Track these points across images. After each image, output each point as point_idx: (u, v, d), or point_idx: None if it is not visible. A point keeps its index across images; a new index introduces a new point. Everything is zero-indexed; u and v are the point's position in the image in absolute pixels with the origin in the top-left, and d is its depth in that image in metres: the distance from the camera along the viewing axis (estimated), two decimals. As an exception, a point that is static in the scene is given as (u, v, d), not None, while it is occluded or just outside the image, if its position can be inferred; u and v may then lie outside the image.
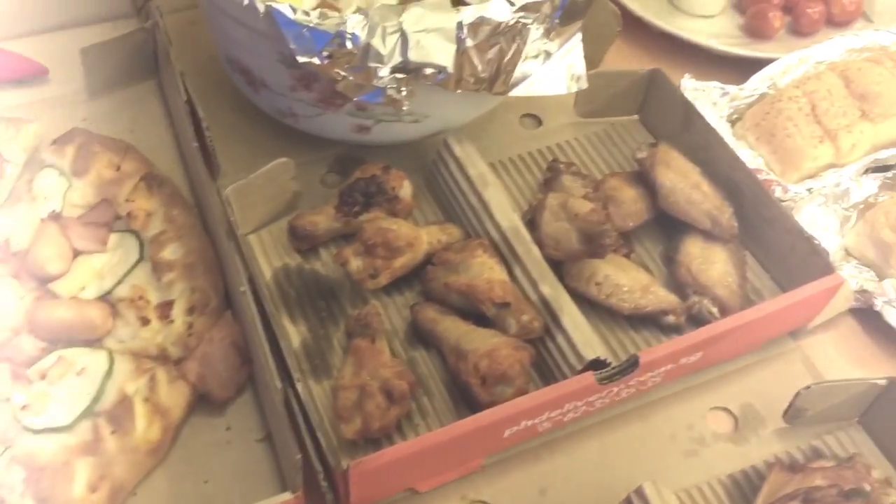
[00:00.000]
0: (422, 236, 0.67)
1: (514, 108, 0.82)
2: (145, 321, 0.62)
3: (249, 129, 0.79)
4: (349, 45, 0.62)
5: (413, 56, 0.63)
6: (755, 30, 0.88)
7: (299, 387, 0.57)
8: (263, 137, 0.78)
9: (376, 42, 0.62)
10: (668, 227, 0.72)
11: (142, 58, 0.81)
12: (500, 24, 0.64)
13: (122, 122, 0.79)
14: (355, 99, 0.65)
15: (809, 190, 0.72)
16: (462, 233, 0.70)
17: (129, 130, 0.78)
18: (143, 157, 0.73)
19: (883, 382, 0.59)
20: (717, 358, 0.64)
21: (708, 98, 0.78)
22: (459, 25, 0.63)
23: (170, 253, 0.65)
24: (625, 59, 0.88)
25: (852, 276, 0.69)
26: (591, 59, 0.85)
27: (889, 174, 0.74)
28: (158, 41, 0.78)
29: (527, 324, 0.62)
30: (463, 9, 0.64)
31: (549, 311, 0.63)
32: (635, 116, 0.82)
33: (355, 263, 0.65)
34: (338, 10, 0.75)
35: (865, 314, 0.68)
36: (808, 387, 0.59)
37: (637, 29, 0.89)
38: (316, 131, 0.74)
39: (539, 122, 0.82)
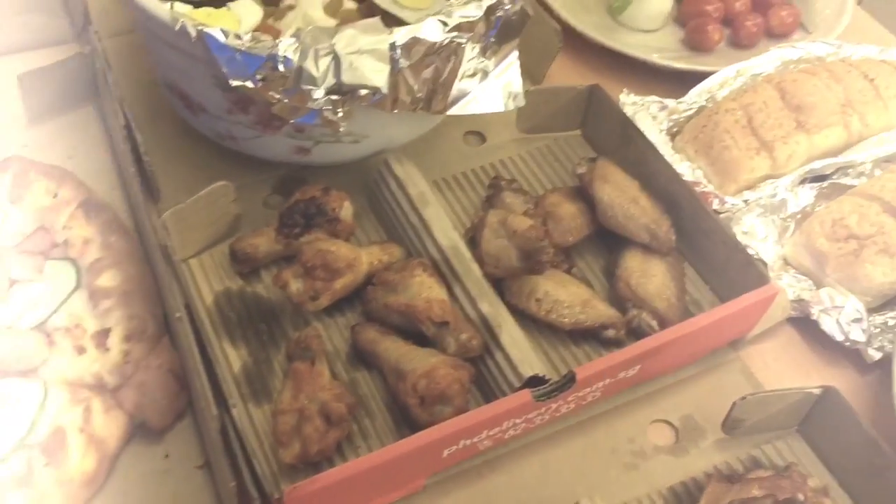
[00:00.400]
0: (362, 257, 0.67)
1: (458, 125, 0.82)
2: (81, 350, 0.62)
3: (191, 152, 0.78)
4: (281, 68, 0.62)
5: (346, 78, 0.63)
6: (695, 43, 0.90)
7: (235, 412, 0.56)
8: (205, 160, 0.77)
9: (309, 65, 0.62)
10: (609, 240, 0.72)
11: (81, 83, 0.80)
12: (434, 44, 0.65)
13: (62, 148, 0.78)
14: (292, 121, 0.65)
15: (746, 202, 0.73)
16: (403, 252, 0.70)
17: (68, 156, 0.77)
18: (80, 184, 0.72)
19: (817, 391, 0.60)
20: (657, 371, 0.65)
21: (647, 112, 0.79)
22: (392, 46, 0.63)
23: (107, 280, 0.65)
24: (568, 75, 0.89)
25: (790, 286, 0.70)
26: (534, 76, 0.87)
27: (825, 184, 0.75)
28: (97, 66, 0.78)
29: (465, 342, 0.62)
30: (396, 30, 0.64)
31: (488, 329, 0.63)
32: (578, 131, 0.82)
33: (295, 286, 0.65)
34: (278, 30, 0.76)
35: (804, 323, 0.69)
36: (744, 397, 0.59)
37: (580, 44, 0.90)
38: (256, 153, 0.74)
39: (483, 138, 0.83)
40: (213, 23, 0.73)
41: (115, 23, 0.88)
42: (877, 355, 0.66)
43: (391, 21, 0.75)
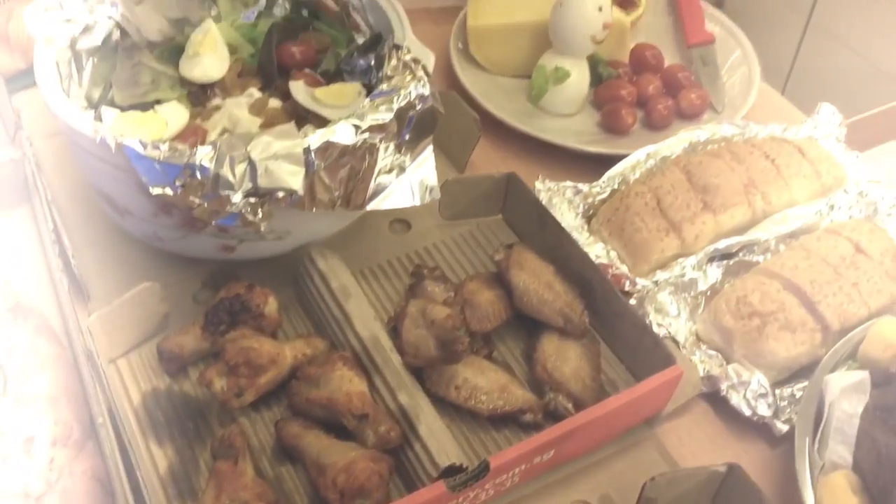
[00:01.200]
0: (285, 351, 0.69)
1: (384, 213, 0.84)
2: (5, 457, 0.62)
3: (121, 251, 0.80)
4: (199, 175, 0.65)
5: (262, 182, 0.66)
6: (611, 126, 0.94)
7: (155, 517, 0.57)
8: (136, 259, 0.79)
9: (225, 171, 0.65)
10: (528, 324, 0.75)
11: (13, 186, 0.82)
12: (348, 146, 0.68)
13: (-6, 250, 0.80)
14: (213, 223, 0.68)
15: (656, 282, 0.76)
16: (327, 344, 0.72)
17: (0, 260, 0.79)
18: (9, 288, 0.73)
19: (723, 469, 0.62)
20: (573, 453, 0.67)
21: (563, 196, 0.83)
22: (307, 150, 0.66)
23: (33, 386, 0.66)
24: (491, 159, 0.93)
25: (702, 362, 0.73)
26: (458, 162, 0.90)
27: (731, 261, 0.79)
28: (28, 171, 0.80)
29: (384, 434, 0.63)
30: (309, 134, 0.67)
31: (407, 420, 0.65)
32: (499, 216, 0.85)
33: (219, 384, 0.67)
34: (205, 130, 0.79)
35: (716, 398, 0.72)
36: (654, 478, 0.61)
37: (502, 130, 0.94)
38: (183, 252, 0.76)
39: (408, 225, 0.85)
40: (141, 126, 0.76)
41: (52, 122, 0.90)
42: (784, 428, 0.69)
43: (313, 118, 0.79)
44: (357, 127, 0.68)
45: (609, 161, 0.88)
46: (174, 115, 0.79)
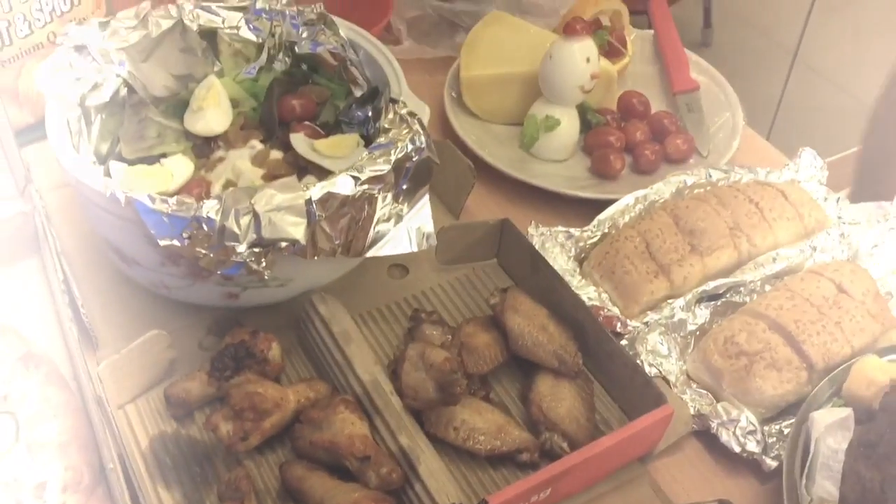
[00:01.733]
0: (289, 395, 0.72)
1: (382, 259, 0.87)
2: (18, 503, 0.64)
3: (129, 299, 0.82)
4: (205, 227, 0.67)
5: (266, 233, 0.68)
6: (601, 171, 0.97)
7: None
8: (142, 306, 0.82)
9: (230, 224, 0.68)
10: (524, 365, 0.77)
11: (23, 238, 0.85)
12: (347, 196, 0.71)
13: (5, 301, 0.82)
14: (219, 272, 0.70)
15: (646, 323, 0.79)
16: (329, 388, 0.74)
17: (12, 309, 0.81)
18: (20, 337, 0.76)
19: (713, 504, 0.65)
20: (569, 490, 0.69)
21: (556, 241, 0.86)
22: (309, 202, 0.69)
23: (44, 432, 0.68)
24: (486, 205, 0.96)
25: (693, 400, 0.75)
26: (453, 208, 0.93)
27: (719, 302, 0.81)
28: (38, 223, 0.83)
29: (386, 476, 0.66)
30: (311, 186, 0.70)
31: (407, 461, 0.67)
32: (494, 260, 0.88)
33: (225, 428, 0.69)
34: (209, 182, 0.82)
35: (707, 436, 0.74)
36: (646, 515, 0.64)
37: (496, 176, 0.97)
38: (189, 300, 0.79)
39: (406, 270, 0.88)
40: (148, 179, 0.79)
41: (61, 175, 0.93)
42: (773, 464, 0.71)
43: (314, 168, 0.82)
44: (356, 178, 0.71)
45: (600, 205, 0.91)
46: (180, 167, 0.82)
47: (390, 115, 0.78)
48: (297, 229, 0.69)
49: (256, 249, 0.69)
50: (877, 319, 0.78)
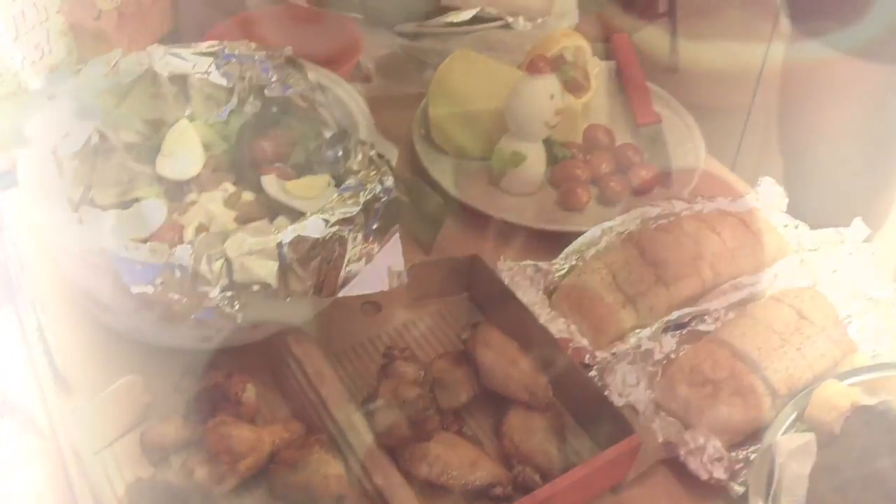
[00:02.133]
0: (264, 437, 0.72)
1: (355, 296, 0.89)
2: (-6, 555, 0.65)
3: (105, 344, 0.82)
4: (178, 273, 0.68)
5: (238, 277, 0.70)
6: (567, 204, 0.99)
7: None
8: (117, 352, 0.81)
9: (203, 269, 0.69)
10: (496, 399, 0.79)
11: (-3, 286, 0.86)
12: (318, 239, 0.72)
13: (-21, 351, 0.82)
14: (192, 317, 0.71)
15: (614, 354, 0.81)
16: (304, 428, 0.75)
17: (-15, 358, 0.82)
18: (-5, 387, 0.76)
19: (683, 532, 0.66)
20: (542, 523, 0.70)
21: (525, 274, 0.87)
22: (280, 245, 0.71)
23: (19, 483, 0.68)
24: (457, 240, 0.97)
25: (662, 428, 0.77)
26: (425, 244, 0.95)
27: (684, 331, 0.83)
28: (11, 271, 0.83)
29: (361, 515, 0.67)
30: (282, 228, 0.72)
31: (382, 500, 0.68)
32: (465, 294, 0.90)
33: (200, 472, 0.70)
34: (181, 225, 0.83)
35: (676, 463, 0.76)
36: (616, 545, 0.65)
37: (465, 211, 0.99)
38: (164, 344, 0.79)
39: (379, 307, 0.89)
40: (121, 225, 0.80)
41: (34, 222, 0.94)
42: (741, 489, 0.72)
43: (286, 209, 0.83)
44: (326, 221, 0.72)
45: (568, 238, 0.93)
46: (153, 212, 0.83)
47: (359, 157, 0.80)
48: (268, 272, 0.70)
49: (229, 293, 0.70)
50: (837, 344, 0.80)
